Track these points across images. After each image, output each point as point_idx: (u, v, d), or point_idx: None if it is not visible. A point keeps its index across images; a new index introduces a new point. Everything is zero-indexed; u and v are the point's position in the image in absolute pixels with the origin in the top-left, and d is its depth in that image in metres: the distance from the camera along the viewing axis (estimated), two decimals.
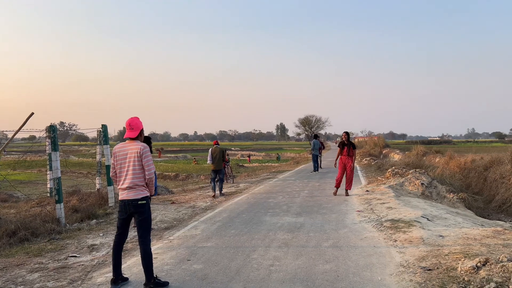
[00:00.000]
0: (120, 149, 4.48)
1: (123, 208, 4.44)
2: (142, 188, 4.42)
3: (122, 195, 4.44)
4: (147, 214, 4.47)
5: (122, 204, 4.44)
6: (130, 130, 4.47)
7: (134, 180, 4.37)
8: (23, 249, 6.30)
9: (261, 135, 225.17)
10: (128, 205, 4.38)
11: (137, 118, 4.58)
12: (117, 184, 4.53)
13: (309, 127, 74.05)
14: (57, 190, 8.09)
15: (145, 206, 4.43)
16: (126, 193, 4.40)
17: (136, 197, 4.37)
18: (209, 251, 5.78)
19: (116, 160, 4.49)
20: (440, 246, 5.56)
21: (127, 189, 4.39)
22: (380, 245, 5.85)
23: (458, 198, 10.61)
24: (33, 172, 30.56)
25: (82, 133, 36.58)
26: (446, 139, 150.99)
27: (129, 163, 4.39)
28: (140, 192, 4.40)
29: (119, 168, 4.47)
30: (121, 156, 4.45)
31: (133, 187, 4.37)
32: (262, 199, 10.72)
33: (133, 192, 4.38)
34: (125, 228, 4.58)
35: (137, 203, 4.37)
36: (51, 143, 8.28)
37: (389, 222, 7.21)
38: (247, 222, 7.67)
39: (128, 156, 4.40)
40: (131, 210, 4.40)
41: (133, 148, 4.40)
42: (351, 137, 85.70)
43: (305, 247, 5.85)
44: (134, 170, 4.37)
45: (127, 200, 4.38)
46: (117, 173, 4.50)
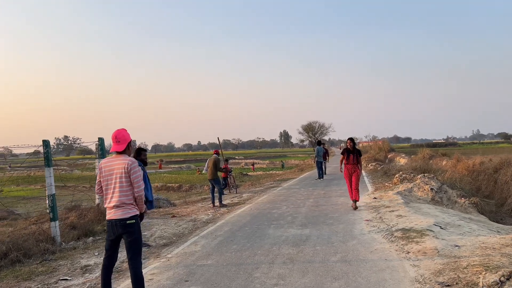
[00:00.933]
0: (106, 164, 4.13)
1: (111, 228, 4.08)
2: (130, 207, 4.06)
3: (109, 214, 4.08)
4: (137, 234, 4.10)
5: (109, 224, 4.08)
6: (117, 143, 4.12)
7: (122, 198, 4.01)
8: (13, 272, 5.95)
9: (265, 142, 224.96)
10: (116, 225, 4.03)
11: (125, 130, 4.24)
12: (104, 203, 4.19)
13: (313, 134, 73.60)
14: (52, 208, 7.77)
15: (134, 226, 4.07)
16: (114, 212, 4.04)
17: (124, 217, 4.01)
18: (209, 269, 5.40)
19: (102, 176, 4.14)
20: (457, 258, 5.15)
21: (114, 208, 4.04)
22: (392, 258, 5.45)
23: (470, 202, 10.17)
24: (36, 188, 30.37)
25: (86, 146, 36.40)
26: (451, 141, 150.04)
27: (115, 180, 4.04)
28: (128, 211, 4.04)
29: (105, 185, 4.12)
30: (107, 172, 4.10)
31: (120, 205, 4.02)
32: (266, 209, 10.34)
33: (120, 211, 4.02)
34: (113, 250, 4.22)
35: (125, 222, 4.01)
36: (44, 158, 7.96)
37: (400, 231, 6.81)
38: (249, 236, 7.29)
39: (115, 172, 4.04)
40: (119, 230, 4.04)
41: (120, 163, 4.05)
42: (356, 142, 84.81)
43: (312, 262, 5.46)
44: (121, 187, 4.02)
45: (114, 220, 4.03)
46: (103, 190, 4.15)
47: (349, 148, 9.82)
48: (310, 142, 79.40)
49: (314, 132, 73.37)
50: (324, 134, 74.16)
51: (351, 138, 9.99)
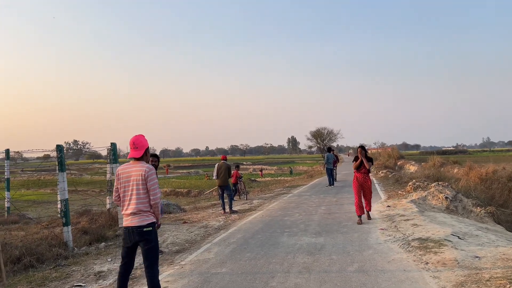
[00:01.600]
0: (124, 171, 4.10)
1: (127, 235, 4.04)
2: (147, 214, 4.01)
3: (126, 221, 4.05)
4: (154, 242, 4.05)
5: (126, 231, 4.05)
6: (135, 150, 4.08)
7: (139, 206, 3.97)
8: (27, 277, 5.93)
9: (273, 148, 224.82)
10: (133, 232, 3.99)
11: (142, 136, 4.20)
12: (121, 209, 4.15)
13: (321, 140, 73.28)
14: (64, 212, 7.78)
15: (152, 234, 4.02)
16: (130, 220, 4.00)
17: (141, 224, 3.97)
18: (223, 278, 5.33)
19: (119, 183, 4.11)
20: (478, 270, 5.02)
21: (131, 215, 4.00)
22: (411, 269, 5.33)
23: (486, 212, 9.98)
24: (47, 191, 30.56)
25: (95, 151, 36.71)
26: (461, 149, 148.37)
27: (132, 187, 4.01)
28: (145, 218, 3.99)
29: (122, 192, 4.09)
30: (124, 178, 4.07)
31: (137, 212, 3.98)
32: (278, 217, 10.24)
33: (137, 218, 3.98)
34: (130, 257, 4.18)
35: (142, 230, 3.97)
36: (58, 163, 7.97)
37: (417, 241, 6.68)
38: (263, 244, 7.20)
39: (132, 179, 4.01)
40: (136, 238, 3.99)
41: (137, 170, 4.01)
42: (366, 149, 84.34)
43: (328, 272, 5.36)
44: (138, 195, 3.98)
45: (131, 227, 3.99)
46: (120, 197, 4.12)
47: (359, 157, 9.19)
48: (318, 149, 79.11)
49: (323, 139, 73.04)
50: (332, 141, 73.87)
51: (362, 146, 9.37)
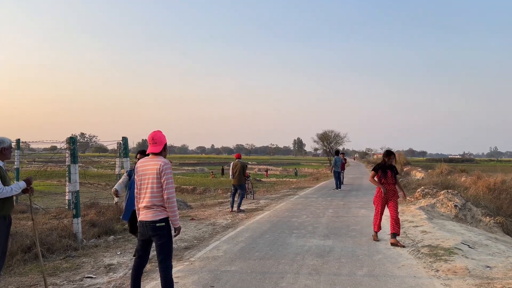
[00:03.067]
0: (141, 165, 4.14)
1: (142, 229, 4.07)
2: (161, 209, 4.01)
3: (140, 215, 4.09)
4: (167, 237, 4.04)
5: (140, 225, 4.08)
6: (154, 145, 4.10)
7: (153, 200, 3.99)
8: (38, 267, 5.96)
9: (278, 149, 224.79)
10: (146, 226, 4.01)
11: (161, 132, 4.22)
12: (136, 203, 4.18)
13: (328, 143, 72.98)
14: (75, 204, 7.83)
15: (165, 229, 4.02)
16: (144, 214, 4.04)
17: (154, 219, 3.98)
18: (233, 276, 5.34)
19: (137, 177, 4.15)
20: (490, 279, 5.00)
21: (145, 209, 4.03)
22: (421, 276, 5.31)
23: (495, 222, 9.92)
24: (53, 183, 30.77)
25: (102, 144, 36.85)
26: (468, 158, 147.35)
27: (148, 181, 4.03)
28: (158, 213, 3.99)
29: (139, 186, 4.13)
30: (142, 172, 4.11)
31: (151, 207, 3.99)
32: (285, 217, 10.24)
33: (151, 212, 4.00)
34: (145, 251, 4.20)
35: (155, 225, 3.97)
36: (70, 155, 8.04)
37: (427, 248, 6.65)
38: (271, 244, 7.21)
39: (148, 173, 4.04)
40: (149, 233, 4.01)
41: (154, 165, 4.03)
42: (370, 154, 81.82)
43: (338, 275, 5.36)
44: (152, 189, 4.00)
45: (145, 222, 4.02)
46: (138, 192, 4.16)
47: (385, 164, 7.49)
48: (324, 151, 78.86)
49: (329, 142, 72.76)
50: (339, 144, 73.47)
51: (390, 150, 7.74)
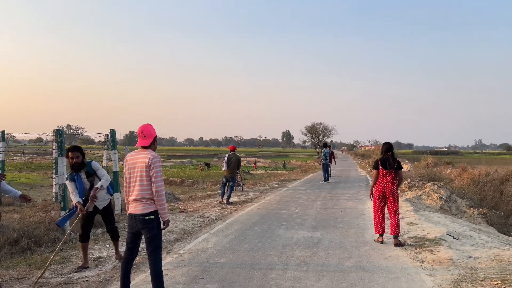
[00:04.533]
0: (130, 158, 4.14)
1: (131, 222, 4.09)
2: (150, 202, 4.01)
3: (130, 208, 4.10)
4: (157, 230, 4.05)
5: (130, 218, 4.10)
6: (143, 138, 4.10)
7: (142, 193, 4.00)
8: (25, 260, 5.94)
9: (267, 141, 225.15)
10: (135, 219, 4.02)
11: (150, 125, 4.20)
12: (125, 196, 4.18)
13: (316, 135, 73.43)
14: (62, 197, 7.76)
15: (154, 222, 4.02)
16: (134, 207, 4.05)
17: (143, 212, 3.99)
18: (223, 268, 5.38)
19: (126, 170, 4.15)
20: (473, 270, 5.13)
21: (134, 202, 4.04)
22: (407, 266, 5.42)
23: (479, 213, 10.14)
24: (39, 175, 30.38)
25: (89, 136, 36.47)
26: (453, 150, 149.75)
27: (137, 174, 4.03)
28: (147, 206, 4.00)
29: (128, 179, 4.13)
30: (130, 165, 4.11)
31: (140, 200, 4.00)
32: (274, 210, 10.31)
33: (140, 206, 4.01)
34: (135, 243, 4.21)
35: (144, 218, 3.99)
36: (57, 147, 7.96)
37: (413, 239, 6.79)
38: (260, 236, 7.27)
39: (137, 166, 4.04)
40: (138, 225, 4.03)
41: (143, 158, 4.03)
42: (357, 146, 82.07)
43: (326, 266, 5.44)
44: (141, 181, 4.00)
45: (134, 215, 4.03)
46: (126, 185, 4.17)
47: (385, 158, 6.82)
48: (312, 144, 79.28)
49: (318, 134, 73.18)
50: (327, 136, 74.04)
51: (389, 143, 6.99)
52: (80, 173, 5.42)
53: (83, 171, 5.44)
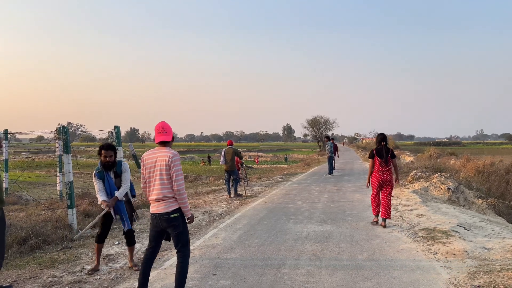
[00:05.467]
0: (149, 156, 4.06)
1: (155, 221, 4.02)
2: (172, 200, 3.96)
3: (152, 208, 4.03)
4: (183, 227, 4.03)
5: (153, 217, 4.03)
6: (163, 134, 4.03)
7: (163, 191, 3.93)
8: (35, 259, 5.89)
9: (268, 136, 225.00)
10: (160, 219, 3.96)
11: (167, 123, 4.16)
12: (147, 195, 4.12)
13: (317, 128, 73.31)
14: (69, 195, 7.70)
15: (179, 219, 3.98)
16: (156, 206, 3.97)
17: (167, 210, 3.93)
18: (235, 264, 5.33)
19: (145, 169, 4.08)
20: (488, 261, 5.07)
21: (157, 202, 3.97)
22: (421, 259, 5.36)
23: (487, 204, 10.08)
24: (42, 173, 30.37)
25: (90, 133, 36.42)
26: (455, 141, 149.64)
27: (157, 172, 3.95)
28: (170, 205, 3.94)
29: (148, 178, 4.06)
30: (150, 164, 4.03)
31: (162, 199, 3.93)
32: (281, 204, 10.25)
33: (163, 204, 3.94)
34: (157, 242, 4.18)
35: (169, 217, 3.93)
36: (63, 145, 7.89)
37: (424, 231, 6.72)
38: (270, 230, 7.21)
39: (157, 164, 3.96)
40: (163, 224, 3.97)
41: (163, 155, 3.95)
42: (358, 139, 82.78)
43: (339, 260, 5.38)
44: (162, 180, 3.93)
45: (158, 214, 3.96)
46: (146, 184, 4.10)
47: (381, 148, 7.37)
48: (314, 137, 79.17)
49: (319, 127, 73.06)
50: (328, 129, 73.90)
51: (383, 134, 7.58)
52: (110, 172, 5.18)
53: (112, 171, 5.20)
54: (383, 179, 7.29)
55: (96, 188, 5.14)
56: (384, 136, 7.53)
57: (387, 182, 7.30)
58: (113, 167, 5.17)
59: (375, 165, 7.37)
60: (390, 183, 7.33)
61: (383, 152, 7.31)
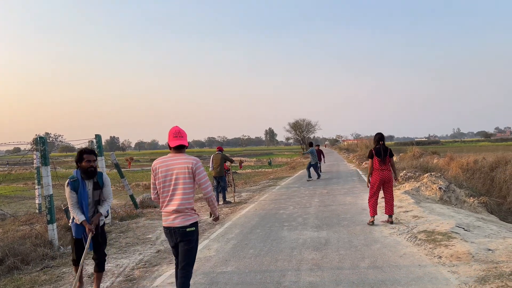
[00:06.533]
0: (162, 164, 3.72)
1: (169, 236, 3.75)
2: (191, 212, 3.71)
3: (167, 220, 3.71)
4: (195, 243, 3.80)
5: (167, 232, 3.74)
6: (180, 138, 3.76)
7: (184, 202, 3.64)
8: (13, 281, 5.42)
9: (250, 140, 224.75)
10: (175, 233, 3.68)
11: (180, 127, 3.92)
12: (160, 207, 3.79)
13: (300, 132, 73.49)
14: (49, 209, 7.23)
15: (194, 234, 3.75)
16: (172, 219, 3.67)
17: (184, 224, 3.67)
18: (231, 278, 4.99)
19: (157, 178, 3.73)
20: (495, 263, 4.87)
21: (174, 213, 3.65)
22: (426, 264, 5.14)
23: (479, 202, 10.00)
24: (19, 186, 29.28)
25: (69, 143, 35.29)
26: (434, 140, 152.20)
27: (176, 181, 3.65)
28: (189, 218, 3.69)
29: (161, 187, 3.70)
30: (164, 172, 3.70)
31: (182, 210, 3.64)
32: (272, 210, 9.95)
33: (181, 217, 3.66)
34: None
35: (185, 230, 3.67)
36: (41, 156, 7.42)
37: (423, 234, 6.52)
38: (264, 239, 6.90)
39: (176, 173, 3.65)
40: (178, 238, 3.70)
41: (182, 163, 3.66)
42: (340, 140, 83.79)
43: (341, 269, 5.10)
44: (184, 189, 3.64)
45: (173, 228, 3.66)
46: (159, 194, 3.75)
47: (379, 148, 7.39)
48: (296, 140, 79.29)
49: (302, 130, 73.24)
50: (311, 132, 74.22)
51: (381, 133, 7.56)
52: (87, 182, 4.50)
53: (92, 181, 4.53)
54: (383, 178, 7.36)
55: (70, 202, 4.40)
56: (381, 136, 7.54)
57: (387, 180, 7.37)
58: (95, 175, 4.54)
59: (374, 164, 7.41)
60: (390, 181, 7.41)
61: (381, 151, 7.32)
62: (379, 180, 7.37)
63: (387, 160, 7.34)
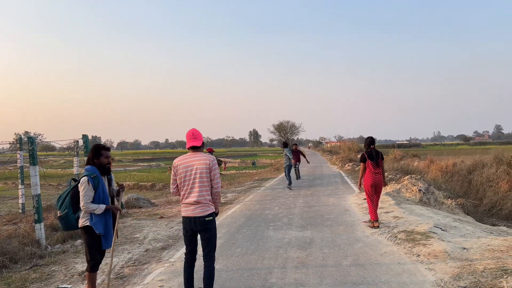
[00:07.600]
0: (182, 162, 4.18)
1: (188, 225, 4.12)
2: (209, 204, 4.16)
3: (187, 211, 4.12)
4: (214, 231, 4.25)
5: (187, 221, 4.13)
6: (194, 140, 4.23)
7: (203, 193, 4.10)
8: (2, 279, 5.48)
9: (234, 141, 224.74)
10: (195, 222, 4.10)
11: (197, 129, 4.36)
12: (181, 199, 4.20)
13: (284, 133, 74.03)
14: (37, 209, 7.28)
15: (213, 223, 4.21)
16: (193, 209, 4.10)
17: (204, 214, 4.11)
18: (220, 275, 5.17)
19: (177, 174, 4.16)
20: (469, 261, 5.18)
21: (194, 204, 4.07)
22: (405, 261, 5.42)
23: (456, 203, 10.41)
24: (0, 185, 28.76)
25: (50, 142, 34.84)
26: (415, 143, 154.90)
27: (195, 176, 4.10)
28: (207, 208, 4.13)
29: (182, 182, 4.15)
30: (184, 168, 4.15)
31: (201, 201, 4.09)
32: (258, 210, 10.15)
33: (200, 208, 4.10)
34: (194, 244, 4.30)
35: (204, 220, 4.10)
36: (29, 156, 7.44)
37: (403, 233, 6.81)
38: (251, 239, 7.09)
39: (195, 169, 4.11)
40: (197, 227, 4.13)
41: (201, 160, 4.14)
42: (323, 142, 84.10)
43: (325, 266, 5.34)
44: (202, 183, 4.10)
45: (194, 217, 4.09)
46: (179, 188, 4.17)
47: (371, 151, 7.49)
48: (280, 142, 79.78)
49: (286, 132, 73.77)
50: (295, 134, 74.81)
51: (371, 137, 7.63)
52: (104, 179, 4.52)
53: (107, 177, 4.57)
54: (376, 181, 7.43)
55: (87, 199, 4.24)
56: (372, 139, 7.60)
57: (379, 184, 7.48)
58: (110, 172, 4.59)
59: (368, 168, 7.47)
60: (381, 185, 7.54)
61: (374, 155, 7.46)
62: (373, 183, 7.42)
63: (380, 163, 7.46)
